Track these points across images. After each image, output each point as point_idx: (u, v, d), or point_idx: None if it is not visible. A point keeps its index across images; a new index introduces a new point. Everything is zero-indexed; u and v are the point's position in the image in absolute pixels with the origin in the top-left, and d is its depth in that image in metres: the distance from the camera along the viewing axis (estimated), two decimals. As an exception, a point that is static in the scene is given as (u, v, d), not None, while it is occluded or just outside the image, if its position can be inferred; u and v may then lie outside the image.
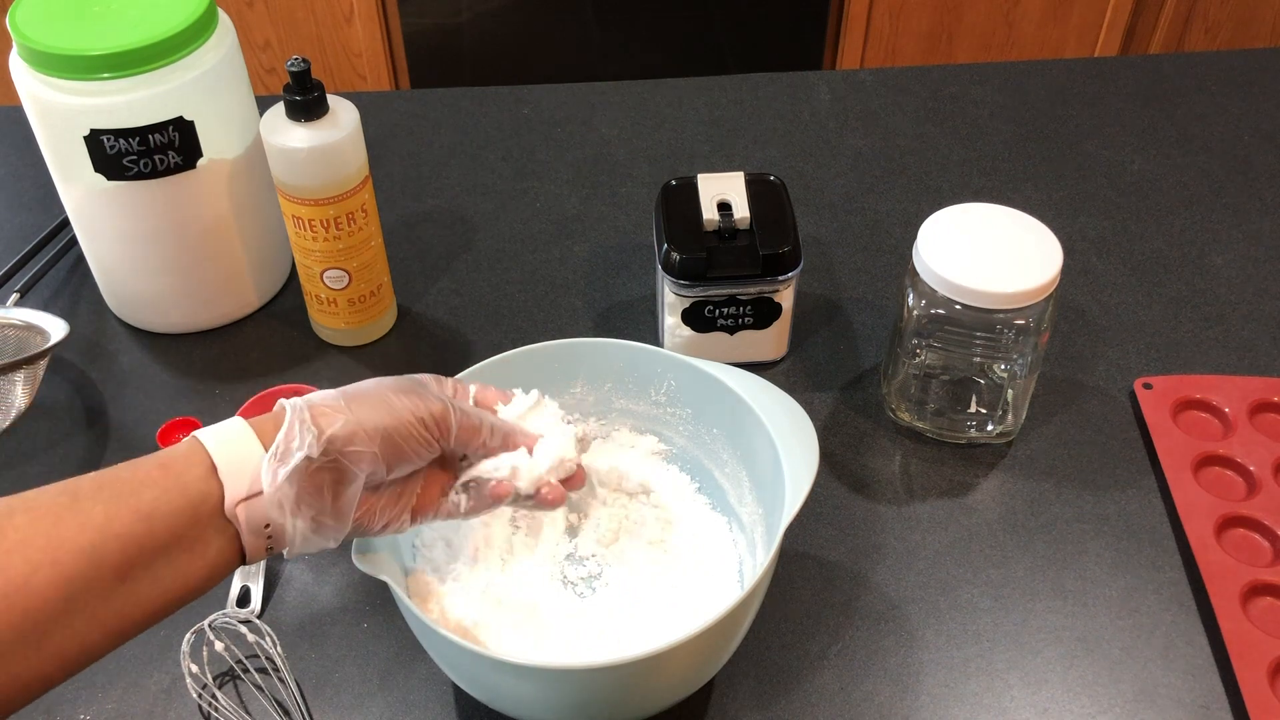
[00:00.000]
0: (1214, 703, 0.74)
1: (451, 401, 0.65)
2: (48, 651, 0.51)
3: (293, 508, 0.58)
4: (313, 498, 0.59)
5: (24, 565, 0.50)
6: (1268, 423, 0.90)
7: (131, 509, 0.53)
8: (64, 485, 0.54)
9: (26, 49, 0.85)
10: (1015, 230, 0.84)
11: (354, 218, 0.90)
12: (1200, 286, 1.03)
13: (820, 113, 1.23)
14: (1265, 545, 0.82)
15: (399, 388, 0.63)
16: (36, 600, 0.50)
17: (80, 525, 0.52)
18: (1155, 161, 1.16)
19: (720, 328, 0.93)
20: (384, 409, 0.61)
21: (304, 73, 0.84)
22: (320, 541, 0.60)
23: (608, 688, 0.65)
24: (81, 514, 0.52)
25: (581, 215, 1.12)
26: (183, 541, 0.55)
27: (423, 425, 0.62)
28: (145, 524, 0.53)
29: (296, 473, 0.57)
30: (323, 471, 0.59)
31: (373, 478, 0.61)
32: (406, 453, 0.62)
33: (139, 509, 0.53)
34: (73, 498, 0.53)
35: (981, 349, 0.85)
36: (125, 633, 0.54)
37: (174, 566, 0.55)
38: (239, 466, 0.57)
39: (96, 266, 0.99)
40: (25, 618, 0.50)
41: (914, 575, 0.82)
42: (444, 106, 1.25)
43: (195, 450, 0.57)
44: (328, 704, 0.75)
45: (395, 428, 0.61)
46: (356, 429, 0.59)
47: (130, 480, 0.54)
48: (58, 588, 0.50)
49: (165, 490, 0.55)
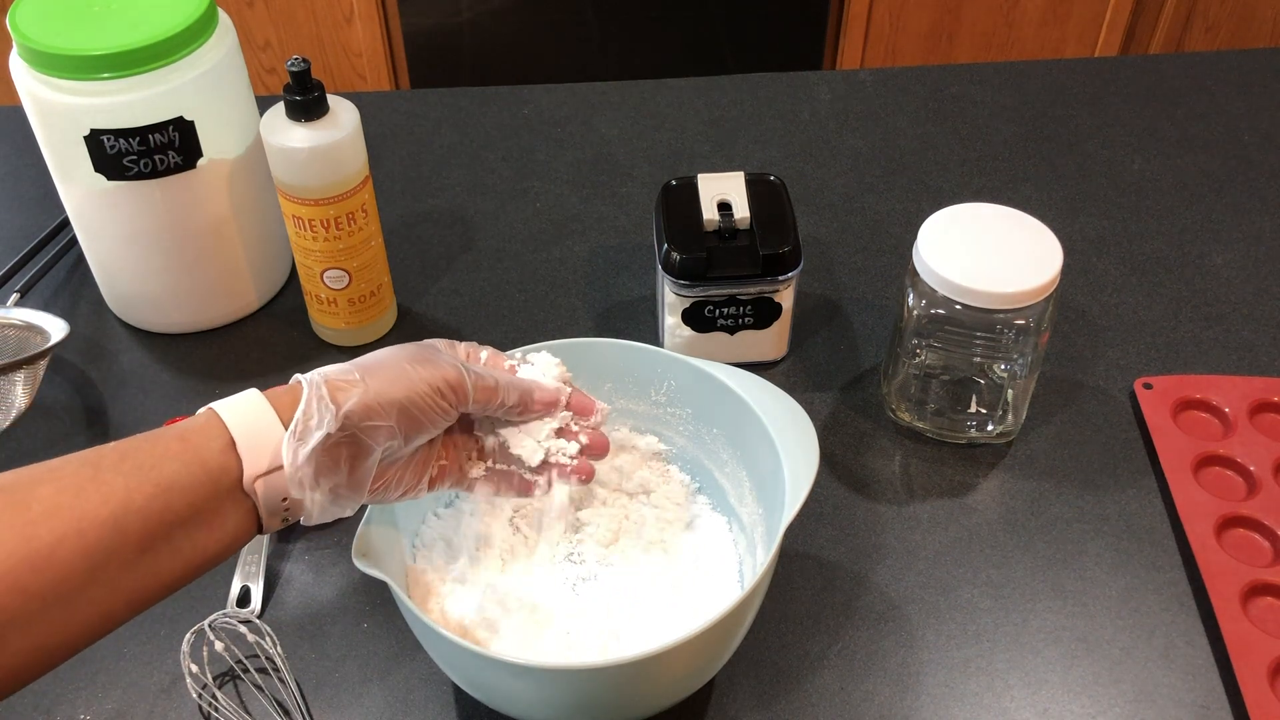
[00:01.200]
0: (1214, 703, 0.74)
1: (465, 366, 0.65)
2: (72, 619, 0.52)
3: (311, 483, 0.59)
4: (330, 471, 0.59)
5: (49, 536, 0.50)
6: (1268, 423, 0.90)
7: (153, 482, 0.54)
8: (86, 455, 0.54)
9: (26, 49, 0.85)
10: (1015, 230, 0.84)
11: (354, 218, 0.90)
12: (1200, 286, 1.03)
13: (820, 113, 1.23)
14: (1265, 545, 0.82)
15: (414, 357, 0.63)
16: (62, 570, 0.50)
17: (103, 498, 0.52)
18: (1155, 161, 1.16)
19: (720, 328, 0.93)
20: (400, 380, 0.61)
21: (304, 73, 0.84)
22: (337, 511, 0.61)
23: (608, 688, 0.65)
24: (104, 486, 0.52)
25: (581, 215, 1.12)
26: (201, 515, 0.55)
27: (439, 395, 0.62)
28: (165, 497, 0.54)
29: (315, 450, 0.58)
30: (340, 445, 0.59)
31: (390, 449, 0.62)
32: (423, 423, 0.62)
33: (159, 482, 0.54)
34: (95, 469, 0.53)
35: (981, 349, 0.85)
36: (146, 601, 0.55)
37: (192, 539, 0.55)
38: (257, 441, 0.57)
39: (96, 266, 0.99)
40: (51, 587, 0.50)
41: (914, 575, 0.82)
42: (444, 106, 1.25)
43: (213, 423, 0.57)
44: (328, 704, 0.75)
45: (411, 399, 0.61)
46: (373, 403, 0.60)
47: (150, 453, 0.55)
48: (82, 558, 0.51)
49: (185, 464, 0.55)
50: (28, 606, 0.49)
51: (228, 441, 0.57)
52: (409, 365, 0.62)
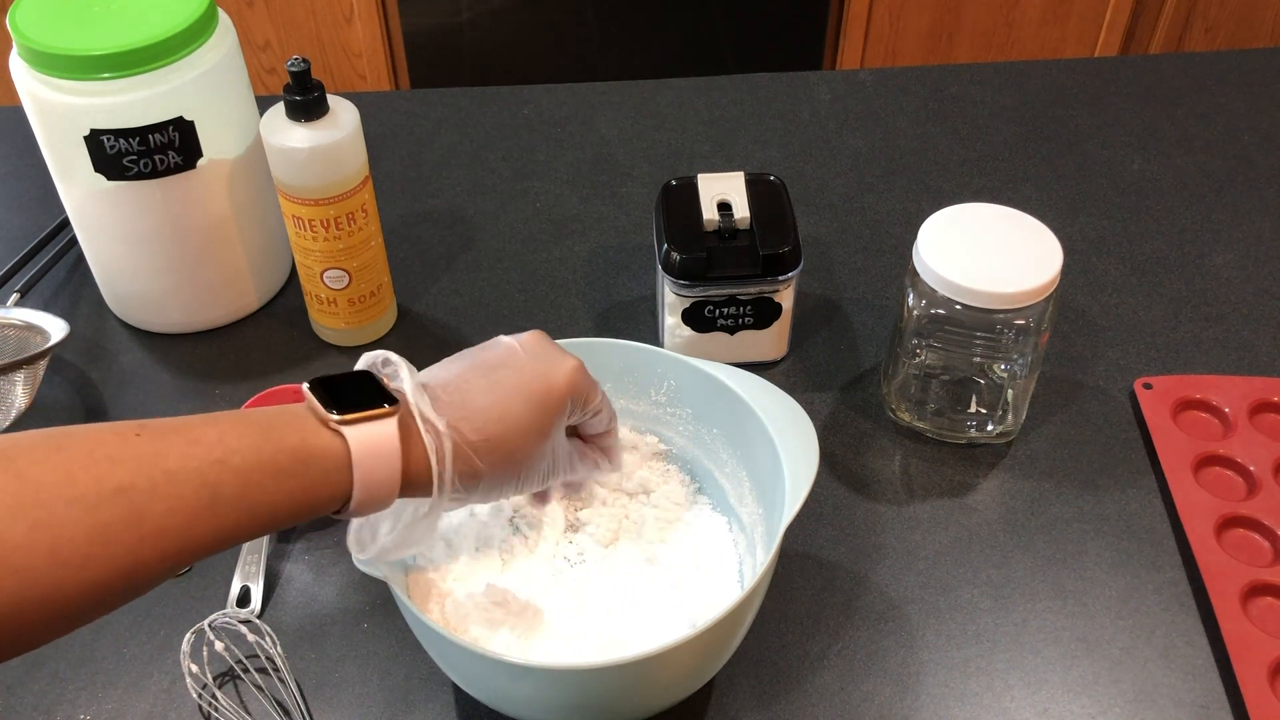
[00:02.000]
0: (1214, 703, 0.74)
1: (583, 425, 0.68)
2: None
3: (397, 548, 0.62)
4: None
5: (153, 554, 0.50)
6: (1268, 423, 0.90)
7: (265, 517, 0.53)
8: (205, 472, 0.51)
9: (26, 49, 0.85)
10: (1015, 230, 0.84)
11: (354, 218, 0.90)
12: (1200, 286, 1.03)
13: (820, 113, 1.23)
14: (1265, 545, 0.82)
15: (543, 428, 0.63)
16: (151, 581, 0.51)
17: (214, 530, 0.52)
18: (1155, 161, 1.16)
19: (720, 328, 0.93)
20: (520, 463, 0.62)
21: (304, 73, 0.84)
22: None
23: (608, 688, 0.65)
24: (219, 520, 0.52)
25: (581, 215, 1.12)
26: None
27: (548, 469, 0.64)
28: (271, 523, 0.54)
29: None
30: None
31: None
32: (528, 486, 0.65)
33: (272, 517, 0.54)
34: (214, 497, 0.52)
35: (981, 349, 0.85)
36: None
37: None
38: (374, 494, 0.56)
39: (96, 266, 0.99)
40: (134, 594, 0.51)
41: (914, 575, 0.82)
42: (444, 106, 1.25)
43: (340, 459, 0.55)
44: (328, 704, 0.75)
45: (526, 477, 0.63)
46: (489, 492, 0.61)
47: (272, 490, 0.53)
48: (173, 568, 0.52)
49: (298, 503, 0.54)
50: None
51: (347, 490, 0.56)
52: (534, 440, 0.62)
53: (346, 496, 0.56)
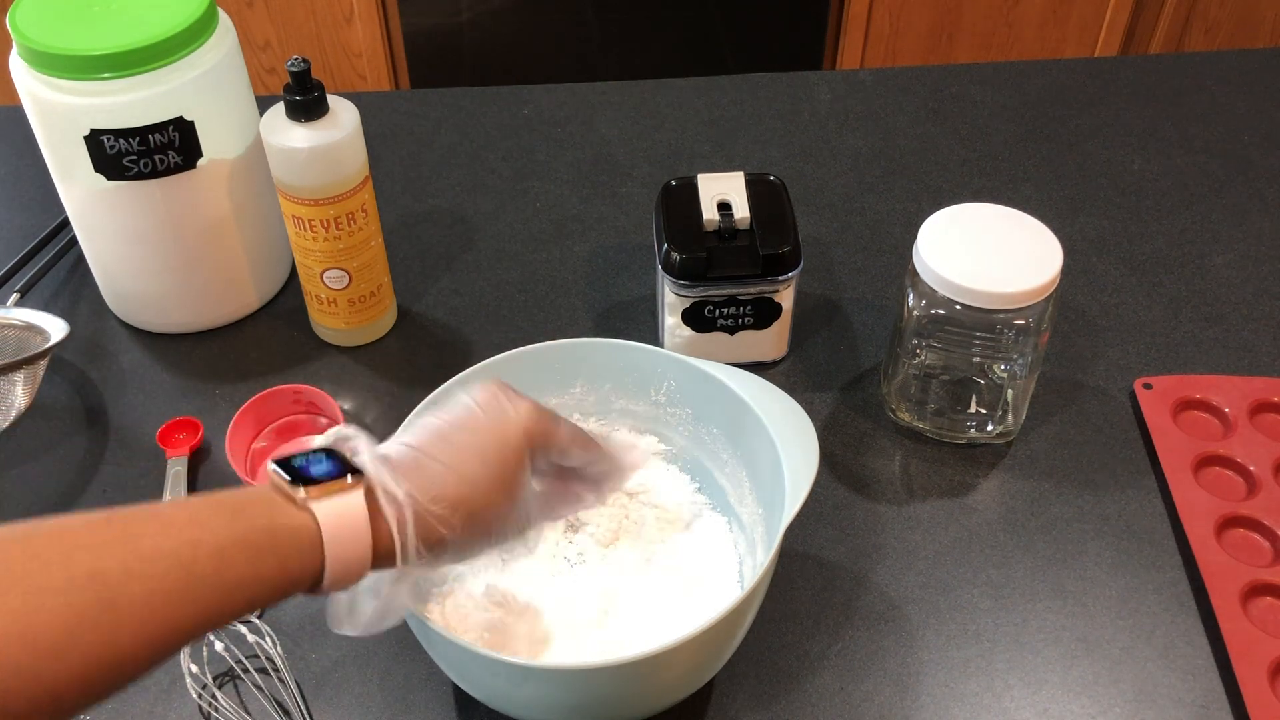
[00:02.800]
0: (1214, 703, 0.74)
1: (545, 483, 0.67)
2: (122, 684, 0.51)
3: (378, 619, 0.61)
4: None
5: (131, 642, 0.49)
6: (1268, 423, 0.90)
7: (243, 595, 0.53)
8: (179, 555, 0.51)
9: (26, 49, 0.85)
10: (1015, 230, 0.84)
11: (354, 218, 0.90)
12: (1200, 286, 1.03)
13: (820, 113, 1.23)
14: (1265, 545, 0.82)
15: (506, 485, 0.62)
16: (135, 667, 0.50)
17: (195, 613, 0.51)
18: (1155, 161, 1.16)
19: (720, 328, 0.93)
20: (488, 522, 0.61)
21: (304, 73, 0.84)
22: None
23: (608, 688, 0.65)
24: (197, 600, 0.51)
25: (581, 215, 1.12)
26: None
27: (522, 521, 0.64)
28: (248, 604, 0.53)
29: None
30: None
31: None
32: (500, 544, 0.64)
33: (250, 594, 0.53)
34: (188, 575, 0.51)
35: (981, 349, 0.85)
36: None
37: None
38: (346, 565, 0.56)
39: (96, 266, 0.99)
40: (120, 680, 0.50)
41: (914, 575, 0.82)
42: (444, 106, 1.25)
43: (311, 535, 0.55)
44: (328, 704, 0.75)
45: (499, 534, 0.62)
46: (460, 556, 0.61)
47: (248, 571, 0.52)
48: (159, 655, 0.51)
49: (274, 584, 0.54)
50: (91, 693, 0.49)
51: (319, 564, 0.55)
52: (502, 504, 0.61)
53: (319, 571, 0.55)
